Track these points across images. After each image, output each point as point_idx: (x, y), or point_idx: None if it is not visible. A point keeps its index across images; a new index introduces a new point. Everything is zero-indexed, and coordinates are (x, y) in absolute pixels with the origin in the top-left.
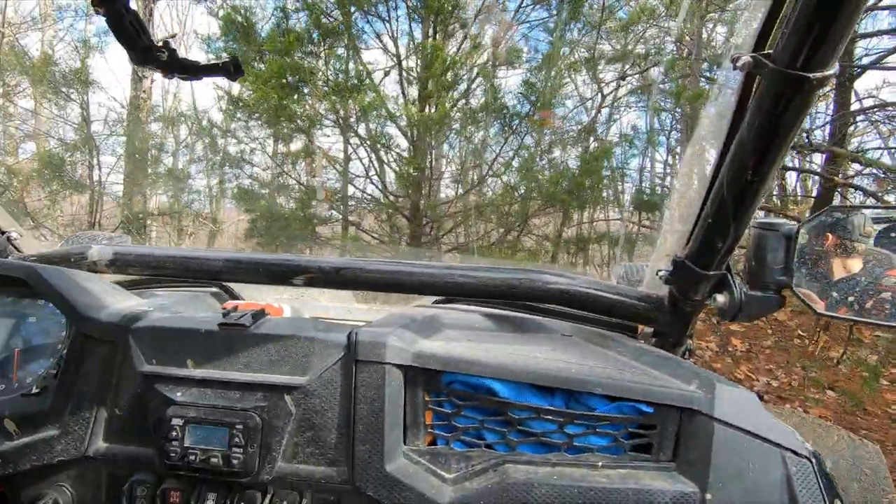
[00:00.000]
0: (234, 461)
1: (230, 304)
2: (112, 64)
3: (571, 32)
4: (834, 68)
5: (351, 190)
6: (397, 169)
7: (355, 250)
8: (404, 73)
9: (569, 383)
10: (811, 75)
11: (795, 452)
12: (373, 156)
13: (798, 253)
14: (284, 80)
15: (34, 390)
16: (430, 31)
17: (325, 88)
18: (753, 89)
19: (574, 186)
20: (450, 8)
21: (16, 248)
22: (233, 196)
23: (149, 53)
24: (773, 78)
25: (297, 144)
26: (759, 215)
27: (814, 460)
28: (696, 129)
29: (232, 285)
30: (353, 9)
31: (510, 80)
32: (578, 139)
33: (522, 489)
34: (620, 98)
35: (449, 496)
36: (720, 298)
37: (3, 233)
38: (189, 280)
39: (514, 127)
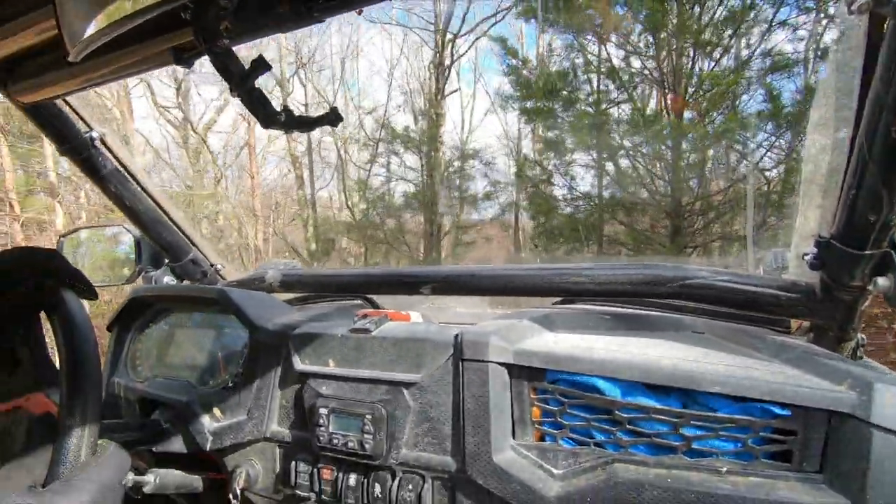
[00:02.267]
0: (367, 446)
1: (362, 312)
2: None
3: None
4: None
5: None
6: (660, 174)
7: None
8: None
9: (681, 381)
10: None
11: None
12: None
13: None
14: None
15: (230, 384)
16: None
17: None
18: (885, 31)
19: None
20: (710, 40)
21: (221, 276)
22: (530, 205)
23: (271, 117)
24: None
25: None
26: None
27: None
28: (821, 85)
29: (374, 297)
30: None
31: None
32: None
33: (632, 489)
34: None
35: (556, 491)
36: (882, 282)
37: (212, 265)
38: (340, 294)
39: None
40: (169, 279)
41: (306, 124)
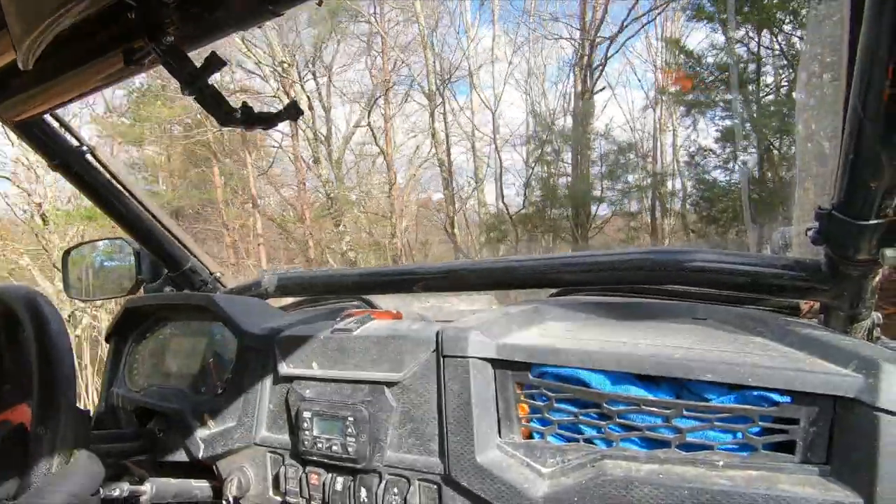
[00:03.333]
0: (350, 449)
1: (346, 312)
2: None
3: None
4: None
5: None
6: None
7: None
8: None
9: (671, 370)
10: None
11: None
12: None
13: None
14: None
15: (219, 391)
16: None
17: None
18: None
19: None
20: None
21: (221, 283)
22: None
23: (229, 115)
24: None
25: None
26: None
27: None
28: (808, 40)
29: (371, 297)
30: None
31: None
32: None
33: (621, 486)
34: None
35: (543, 490)
36: (890, 253)
37: (212, 273)
38: (337, 297)
39: None
40: (170, 289)
41: (266, 121)
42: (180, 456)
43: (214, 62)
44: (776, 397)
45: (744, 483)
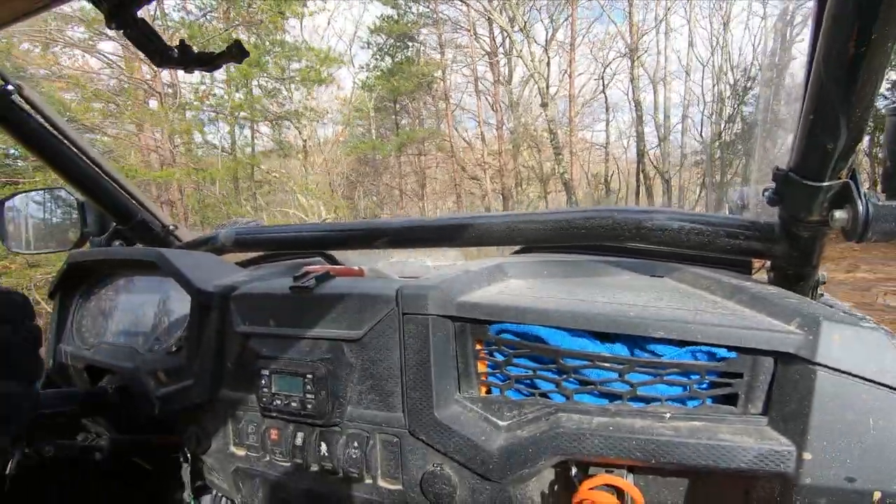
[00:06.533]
0: (309, 406)
1: (305, 269)
2: None
3: None
4: None
5: None
6: None
7: None
8: None
9: (625, 327)
10: None
11: None
12: None
13: None
14: None
15: (173, 349)
16: None
17: None
18: None
19: None
20: None
21: (176, 237)
22: None
23: (165, 54)
24: None
25: None
26: None
27: None
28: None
29: (333, 252)
30: None
31: None
32: None
33: (573, 438)
34: None
35: (499, 443)
36: (839, 214)
37: (165, 226)
38: (297, 252)
39: None
40: (120, 243)
41: (208, 62)
42: (135, 414)
43: None
44: (723, 353)
45: (687, 433)
